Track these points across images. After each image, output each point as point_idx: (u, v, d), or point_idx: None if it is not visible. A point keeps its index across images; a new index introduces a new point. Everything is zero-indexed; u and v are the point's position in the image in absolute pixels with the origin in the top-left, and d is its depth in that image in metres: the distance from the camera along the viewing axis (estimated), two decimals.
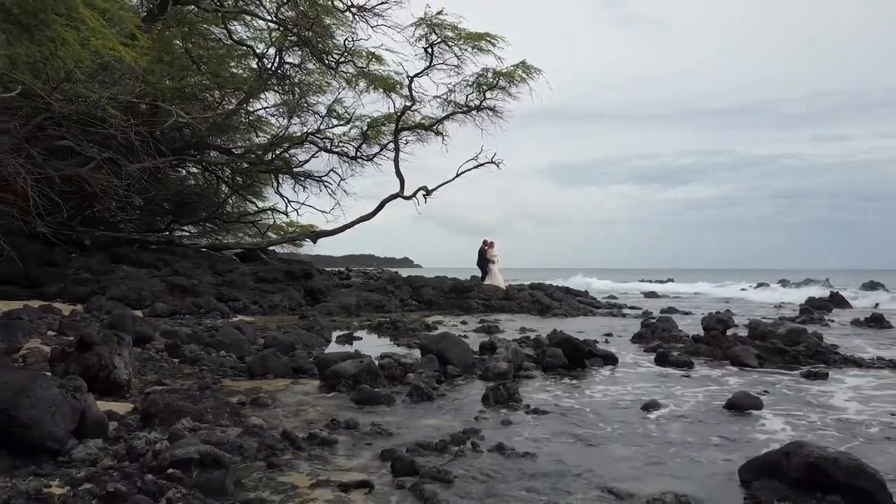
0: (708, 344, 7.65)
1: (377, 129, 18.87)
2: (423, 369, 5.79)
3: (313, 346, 7.96)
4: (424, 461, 3.38)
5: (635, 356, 7.58)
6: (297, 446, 3.68)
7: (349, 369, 5.41)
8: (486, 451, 3.65)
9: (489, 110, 16.97)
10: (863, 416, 4.71)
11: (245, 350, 7.18)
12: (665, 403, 4.96)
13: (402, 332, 9.79)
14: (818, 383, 6.01)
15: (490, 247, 18.30)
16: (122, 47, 5.28)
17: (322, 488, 3.04)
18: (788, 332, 7.73)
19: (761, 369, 6.72)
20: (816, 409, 4.96)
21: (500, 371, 5.81)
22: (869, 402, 5.24)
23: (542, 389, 5.58)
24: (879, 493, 2.67)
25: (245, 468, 3.28)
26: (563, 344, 6.69)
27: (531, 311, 14.60)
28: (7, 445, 3.21)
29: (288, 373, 6.09)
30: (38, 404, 3.28)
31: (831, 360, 7.11)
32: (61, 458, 3.27)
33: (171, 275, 14.26)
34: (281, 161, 19.34)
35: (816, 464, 2.74)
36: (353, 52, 17.01)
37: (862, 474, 2.69)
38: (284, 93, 18.29)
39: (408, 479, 3.14)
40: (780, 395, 5.45)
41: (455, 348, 6.33)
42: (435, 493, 2.94)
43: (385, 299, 15.05)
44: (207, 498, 2.85)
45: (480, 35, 15.87)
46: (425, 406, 4.87)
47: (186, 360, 6.67)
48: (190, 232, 20.39)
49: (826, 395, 5.48)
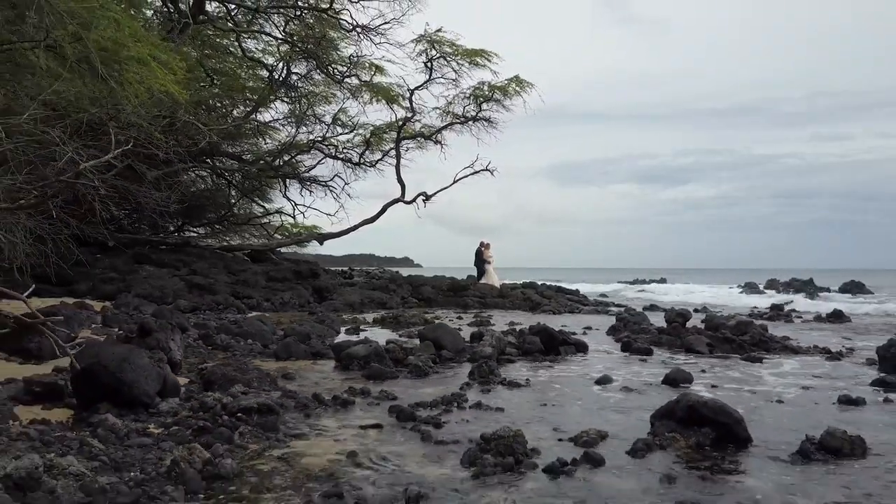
0: (669, 335, 8.82)
1: (379, 136, 20.05)
2: (421, 353, 6.95)
3: (325, 337, 9.10)
4: (421, 412, 4.55)
5: (605, 345, 8.75)
6: (325, 404, 4.85)
7: (360, 352, 6.57)
8: (468, 408, 4.81)
9: (485, 121, 18.14)
10: (774, 388, 5.86)
11: (268, 339, 8.34)
12: (617, 379, 6.11)
13: (403, 324, 10.96)
14: (751, 365, 7.17)
15: (486, 248, 19.47)
16: (172, 85, 6.44)
17: (346, 429, 4.21)
18: (737, 324, 8.89)
19: (710, 355, 7.88)
20: (739, 383, 6.12)
21: (485, 354, 6.97)
22: (786, 378, 6.40)
23: (519, 369, 6.74)
24: (736, 426, 3.84)
25: (287, 417, 4.44)
26: (541, 333, 7.85)
27: (523, 307, 15.76)
28: (114, 399, 4.36)
29: (308, 356, 7.26)
30: (136, 369, 4.44)
31: (772, 347, 8.28)
32: (152, 410, 4.43)
33: (189, 274, 15.44)
34: (289, 167, 20.52)
35: (694, 406, 3.90)
36: (358, 64, 18.17)
37: (723, 413, 3.85)
38: (292, 102, 19.47)
39: (408, 423, 4.30)
40: (714, 373, 6.61)
41: (448, 336, 7.50)
42: (429, 431, 4.10)
43: (387, 297, 16.20)
44: (266, 433, 4.01)
45: (476, 51, 17.04)
46: (423, 380, 6.04)
47: (219, 347, 7.83)
48: (198, 233, 21.58)
49: (753, 374, 6.64)
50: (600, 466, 3.45)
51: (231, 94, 18.44)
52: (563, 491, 3.12)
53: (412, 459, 3.56)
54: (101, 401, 4.34)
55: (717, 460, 3.60)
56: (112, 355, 4.41)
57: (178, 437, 3.83)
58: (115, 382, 4.33)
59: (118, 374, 4.34)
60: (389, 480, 3.19)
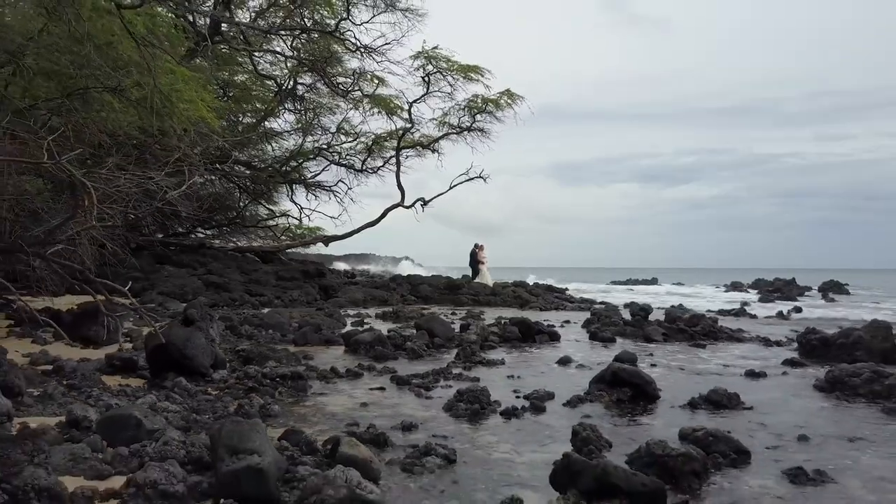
0: (633, 326, 10.17)
1: (380, 144, 21.42)
2: (417, 339, 8.30)
3: (334, 328, 10.45)
4: (415, 381, 5.90)
5: (576, 335, 10.10)
6: (340, 375, 6.20)
7: (366, 338, 7.91)
8: (452, 378, 6.16)
9: (479, 131, 19.53)
10: (702, 366, 7.20)
11: (285, 329, 9.68)
12: (576, 360, 7.45)
13: (402, 318, 12.30)
14: (694, 350, 8.52)
15: (480, 249, 20.83)
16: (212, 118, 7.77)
17: (358, 390, 5.56)
18: (691, 317, 10.25)
19: (664, 343, 9.22)
20: (678, 362, 7.46)
21: (470, 341, 8.32)
22: (718, 359, 7.74)
23: (498, 353, 8.09)
24: (647, 386, 5.19)
25: (312, 384, 5.79)
26: (519, 324, 9.20)
27: (513, 304, 17.09)
28: (179, 369, 5.70)
29: (321, 343, 8.60)
30: (196, 347, 5.79)
31: (720, 336, 9.63)
32: (207, 378, 5.78)
33: (206, 274, 16.80)
34: (296, 173, 21.90)
35: (616, 372, 5.25)
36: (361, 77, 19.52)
37: (637, 376, 5.20)
38: (298, 112, 20.85)
39: (405, 387, 5.66)
40: (659, 355, 7.96)
41: (440, 326, 8.85)
42: (420, 391, 5.46)
43: (387, 295, 17.54)
44: (298, 392, 5.37)
45: (470, 67, 18.40)
46: (418, 360, 7.39)
47: (243, 335, 9.17)
48: (206, 234, 22.95)
49: (693, 356, 7.99)
50: (542, 412, 4.80)
51: (241, 104, 19.82)
52: (513, 426, 4.46)
53: (407, 407, 4.91)
54: (169, 370, 5.69)
55: (628, 409, 4.96)
56: (179, 335, 5.76)
57: (234, 394, 5.19)
58: (181, 356, 5.68)
59: (183, 350, 5.69)
60: (390, 418, 4.53)
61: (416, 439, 3.95)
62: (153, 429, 3.55)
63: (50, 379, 5.29)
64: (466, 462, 3.59)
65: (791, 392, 5.77)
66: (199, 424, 4.19)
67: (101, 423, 3.60)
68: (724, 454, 3.59)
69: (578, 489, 2.76)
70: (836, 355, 7.49)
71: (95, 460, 3.16)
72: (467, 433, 4.25)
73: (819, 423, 4.61)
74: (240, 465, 2.82)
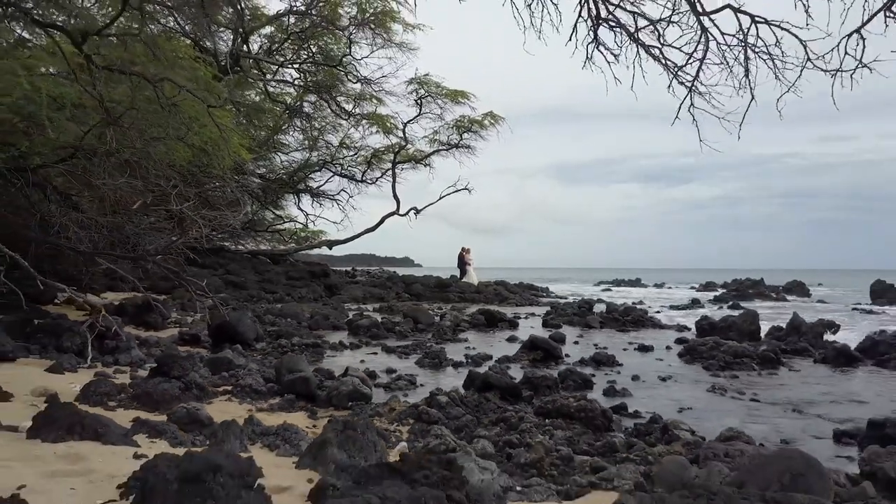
0: (578, 316, 12.65)
1: (379, 157, 23.92)
2: (404, 325, 10.77)
3: (339, 318, 12.93)
4: (400, 350, 8.38)
5: (533, 323, 12.57)
6: (345, 346, 8.69)
7: (365, 324, 10.39)
8: (426, 349, 8.64)
9: (465, 147, 22.07)
10: (612, 344, 9.65)
11: (301, 318, 12.15)
12: (521, 339, 9.89)
13: (396, 312, 14.78)
14: (617, 334, 10.99)
15: (467, 252, 23.34)
16: (245, 153, 10.26)
17: (358, 355, 8.05)
18: (625, 309, 12.72)
19: (598, 329, 11.68)
20: (596, 340, 9.92)
21: (445, 325, 10.79)
22: (629, 339, 10.20)
23: (465, 334, 10.56)
24: (554, 350, 7.67)
25: (325, 352, 8.26)
26: (485, 313, 11.69)
27: (493, 300, 19.58)
28: (232, 341, 8.16)
29: (330, 328, 11.08)
30: (245, 324, 8.27)
31: (647, 324, 12.09)
32: (252, 347, 8.26)
33: (225, 274, 19.28)
34: (303, 183, 24.41)
35: (534, 340, 7.72)
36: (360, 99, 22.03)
37: (547, 343, 7.67)
38: (304, 129, 23.37)
39: (391, 353, 8.15)
40: (588, 337, 10.43)
41: (423, 315, 11.33)
42: (402, 355, 7.94)
43: (384, 293, 20.02)
44: (316, 355, 7.85)
45: (458, 92, 20.90)
46: (403, 339, 9.87)
47: (267, 323, 11.65)
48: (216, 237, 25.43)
49: (615, 339, 10.45)
50: (479, 366, 7.28)
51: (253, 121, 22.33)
52: (458, 372, 6.94)
53: (392, 363, 7.40)
54: (225, 342, 8.15)
55: (539, 364, 7.44)
56: (233, 316, 8.25)
57: (274, 356, 7.67)
58: (234, 332, 8.16)
59: (236, 327, 8.17)
60: (379, 367, 7.01)
61: (395, 377, 6.43)
62: (239, 364, 6.03)
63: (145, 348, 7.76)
64: (423, 385, 6.08)
65: (658, 357, 8.25)
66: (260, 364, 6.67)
67: (208, 362, 6.08)
68: (576, 381, 6.07)
69: (475, 387, 5.24)
70: (718, 334, 9.95)
71: (211, 378, 5.64)
72: (429, 374, 6.73)
73: (652, 372, 7.09)
74: (295, 376, 5.30)
